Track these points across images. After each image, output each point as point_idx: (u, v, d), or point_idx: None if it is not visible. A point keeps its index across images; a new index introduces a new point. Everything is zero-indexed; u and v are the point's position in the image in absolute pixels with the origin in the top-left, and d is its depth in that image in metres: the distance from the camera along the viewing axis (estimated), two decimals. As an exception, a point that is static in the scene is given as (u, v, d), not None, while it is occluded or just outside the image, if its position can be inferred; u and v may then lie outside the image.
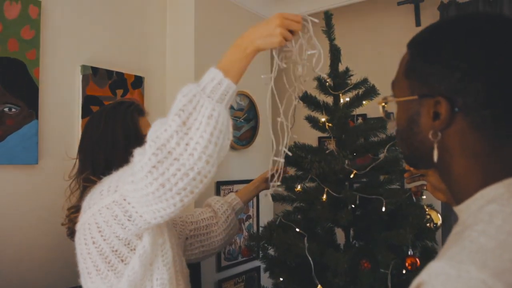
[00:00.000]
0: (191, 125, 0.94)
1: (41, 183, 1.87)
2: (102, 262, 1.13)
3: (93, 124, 1.37)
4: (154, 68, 2.45)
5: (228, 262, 2.53)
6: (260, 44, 1.03)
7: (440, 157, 0.71)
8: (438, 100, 0.67)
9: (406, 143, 0.79)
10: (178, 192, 0.97)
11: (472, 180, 0.68)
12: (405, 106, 0.76)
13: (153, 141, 0.95)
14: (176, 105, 0.96)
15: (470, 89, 0.64)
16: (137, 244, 1.14)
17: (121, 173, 1.13)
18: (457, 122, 0.67)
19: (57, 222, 1.84)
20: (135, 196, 1.03)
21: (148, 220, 1.07)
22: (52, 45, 1.95)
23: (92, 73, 2.08)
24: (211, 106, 0.95)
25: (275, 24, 1.02)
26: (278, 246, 1.54)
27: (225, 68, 1.01)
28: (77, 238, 1.21)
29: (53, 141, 1.93)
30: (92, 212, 1.14)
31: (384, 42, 2.87)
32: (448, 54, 0.67)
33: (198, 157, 0.94)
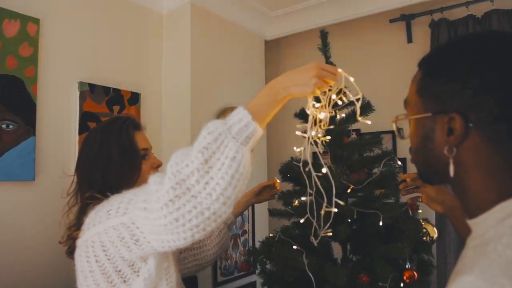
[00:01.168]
0: (213, 165, 0.93)
1: (38, 199, 1.87)
2: (104, 281, 1.12)
3: (89, 141, 1.36)
4: (150, 85, 2.47)
5: (224, 278, 2.52)
6: (293, 92, 1.02)
7: (455, 172, 0.72)
8: (453, 116, 0.68)
9: (421, 160, 0.80)
10: (190, 228, 0.95)
11: (488, 194, 0.69)
12: (419, 123, 0.77)
13: (173, 174, 0.94)
14: (200, 142, 0.94)
15: (483, 104, 0.66)
16: (141, 266, 1.12)
17: (132, 196, 1.11)
18: (472, 137, 0.68)
19: (54, 238, 1.83)
20: (146, 224, 1.02)
21: (155, 247, 1.05)
22: (50, 62, 1.97)
23: (89, 90, 2.09)
24: (235, 148, 0.93)
25: (311, 75, 1.01)
26: (276, 260, 1.55)
27: (254, 111, 0.98)
28: (78, 255, 1.19)
29: (50, 157, 1.94)
30: (97, 231, 1.13)
31: (377, 58, 2.92)
32: (460, 71, 0.69)
33: (216, 198, 0.92)
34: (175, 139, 2.44)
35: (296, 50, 3.30)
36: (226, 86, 2.67)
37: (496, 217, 0.66)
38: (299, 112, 1.68)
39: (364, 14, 2.74)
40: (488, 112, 0.66)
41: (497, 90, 0.65)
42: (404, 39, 2.79)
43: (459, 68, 0.69)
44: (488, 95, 0.66)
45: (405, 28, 2.78)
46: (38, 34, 1.91)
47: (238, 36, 2.82)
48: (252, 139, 0.97)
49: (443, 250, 2.41)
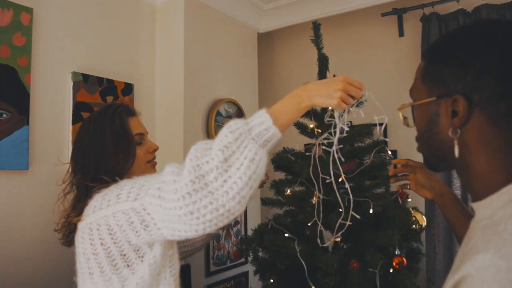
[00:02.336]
0: (232, 164, 0.95)
1: (31, 188, 1.88)
2: (108, 265, 1.13)
3: (83, 129, 1.37)
4: (144, 76, 2.48)
5: (216, 267, 2.55)
6: (317, 102, 1.02)
7: (460, 154, 0.74)
8: (456, 99, 0.71)
9: (427, 145, 0.82)
10: (203, 222, 0.98)
11: (494, 175, 0.71)
12: (424, 109, 0.80)
13: (193, 168, 0.96)
14: (221, 140, 0.97)
15: (484, 85, 0.69)
16: (146, 252, 1.13)
17: (144, 182, 1.12)
18: (475, 118, 0.71)
19: (48, 226, 1.85)
20: (158, 211, 1.03)
21: (164, 235, 1.07)
22: (44, 52, 1.97)
23: (82, 80, 2.10)
24: (254, 150, 0.95)
25: (337, 87, 1.02)
26: (268, 248, 1.57)
27: (276, 116, 1.00)
28: (80, 237, 1.19)
29: (44, 146, 1.94)
30: (105, 214, 1.13)
31: (369, 52, 2.94)
32: (463, 55, 0.72)
33: (232, 196, 0.95)
34: (168, 130, 2.45)
35: (289, 43, 3.32)
36: (219, 78, 2.69)
37: (503, 199, 0.68)
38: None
39: (356, 7, 2.77)
40: (490, 93, 0.69)
41: (497, 71, 0.68)
42: (396, 33, 2.82)
43: (462, 52, 0.72)
44: (489, 76, 0.69)
45: (396, 22, 2.81)
46: (31, 24, 1.91)
47: (231, 28, 2.83)
48: (271, 142, 0.99)
49: (432, 240, 2.45)
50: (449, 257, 2.41)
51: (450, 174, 2.44)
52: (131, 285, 1.13)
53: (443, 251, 2.42)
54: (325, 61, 1.72)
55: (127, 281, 1.13)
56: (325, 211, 1.52)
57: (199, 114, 2.52)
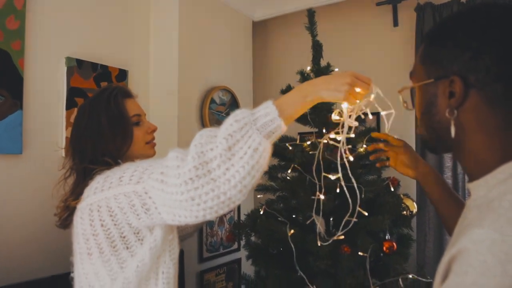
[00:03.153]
0: (236, 152, 0.96)
1: (25, 172, 1.88)
2: (108, 246, 1.14)
3: (80, 114, 1.37)
4: (138, 62, 2.47)
5: (209, 254, 2.57)
6: (323, 96, 1.02)
7: (457, 135, 0.75)
8: (453, 79, 0.73)
9: (425, 127, 0.83)
10: (204, 209, 0.99)
11: (490, 155, 0.72)
12: (423, 91, 0.81)
13: (197, 154, 0.97)
14: (226, 128, 0.97)
15: (481, 65, 0.70)
16: (146, 235, 1.14)
17: (147, 165, 1.12)
18: (471, 98, 0.72)
19: (41, 209, 1.86)
20: (160, 195, 1.04)
21: (165, 219, 1.08)
22: (37, 36, 1.96)
23: (76, 65, 2.09)
24: (258, 140, 0.96)
25: (344, 81, 1.01)
26: (261, 232, 1.59)
27: (282, 108, 1.00)
28: (79, 217, 1.20)
29: (38, 131, 1.94)
30: (106, 196, 1.14)
31: (363, 40, 2.95)
32: (459, 36, 0.73)
33: (234, 184, 0.96)
34: (162, 117, 2.46)
35: (283, 31, 3.32)
36: (213, 65, 2.69)
37: (498, 177, 0.70)
38: (285, 89, 1.71)
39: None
40: (486, 73, 0.70)
41: (493, 51, 0.69)
42: (390, 22, 2.82)
43: (459, 34, 0.74)
44: (485, 57, 0.70)
45: (391, 12, 2.81)
46: (25, 8, 1.90)
47: (225, 16, 2.83)
48: (275, 134, 1.00)
49: (423, 228, 2.48)
50: (440, 244, 2.44)
51: (441, 163, 2.46)
52: (131, 268, 1.14)
53: (434, 239, 2.45)
54: (319, 48, 1.73)
55: (126, 263, 1.14)
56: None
57: (193, 101, 2.52)
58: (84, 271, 1.19)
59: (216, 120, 2.63)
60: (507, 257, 0.57)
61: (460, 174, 2.44)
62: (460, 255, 0.61)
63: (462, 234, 0.64)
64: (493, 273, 0.57)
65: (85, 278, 1.19)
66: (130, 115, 1.37)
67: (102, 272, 1.16)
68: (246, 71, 3.01)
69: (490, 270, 0.57)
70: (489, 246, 0.58)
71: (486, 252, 0.58)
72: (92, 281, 1.17)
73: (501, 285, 0.57)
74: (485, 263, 0.58)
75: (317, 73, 1.71)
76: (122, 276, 1.14)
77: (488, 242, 0.59)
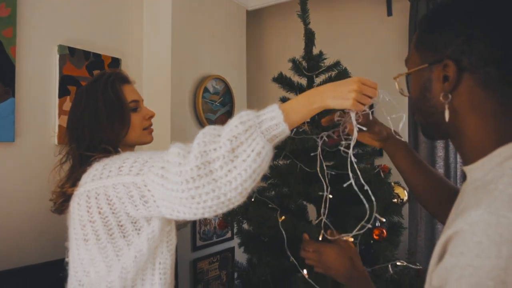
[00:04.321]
0: (239, 155, 0.96)
1: (18, 160, 1.88)
2: (105, 233, 1.15)
3: (77, 100, 1.37)
4: (132, 51, 2.46)
5: (203, 242, 2.58)
6: (330, 104, 1.02)
7: (452, 119, 0.76)
8: (446, 63, 0.74)
9: (421, 113, 0.84)
10: (203, 207, 1.00)
11: (486, 138, 0.73)
12: (418, 76, 0.82)
13: (200, 153, 0.97)
14: (231, 130, 0.98)
15: (474, 48, 0.71)
16: (143, 225, 1.15)
17: (147, 158, 1.12)
18: (465, 82, 0.73)
19: (34, 196, 1.87)
20: (159, 190, 1.05)
21: (163, 213, 1.09)
22: (29, 24, 1.95)
23: (69, 54, 2.08)
24: (262, 144, 0.96)
25: (351, 88, 1.01)
26: (252, 219, 1.60)
27: (287, 113, 1.00)
28: (76, 203, 1.20)
29: (30, 119, 1.94)
30: (104, 184, 1.14)
31: (357, 30, 2.95)
32: (452, 20, 0.74)
33: (235, 187, 0.96)
34: (155, 107, 2.45)
35: (277, 21, 3.31)
36: (207, 54, 2.68)
37: (495, 161, 0.70)
38: (277, 77, 1.71)
39: (346, -15, 2.77)
40: (479, 56, 0.71)
41: (486, 34, 0.70)
42: (384, 12, 2.82)
43: (452, 18, 0.75)
44: (478, 39, 0.71)
45: (385, 1, 2.81)
46: (16, -5, 1.89)
47: (219, 5, 2.81)
48: (279, 138, 1.01)
49: (415, 217, 2.50)
50: (431, 233, 2.47)
51: (433, 153, 2.48)
52: (129, 258, 1.15)
53: (425, 228, 2.47)
54: (312, 36, 1.72)
55: (122, 251, 1.15)
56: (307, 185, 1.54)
57: (186, 90, 2.52)
58: (80, 257, 1.20)
59: (210, 109, 2.63)
60: (502, 239, 0.58)
61: (452, 164, 2.46)
62: (456, 236, 0.62)
63: (459, 216, 0.65)
64: (487, 254, 0.58)
65: (81, 264, 1.20)
66: (128, 100, 1.37)
67: (97, 258, 1.17)
68: (240, 60, 3.00)
69: (484, 252, 0.59)
70: (485, 227, 0.59)
71: (481, 234, 0.59)
72: (88, 267, 1.18)
73: (495, 267, 0.58)
74: (480, 245, 0.59)
75: (309, 61, 1.71)
76: (120, 265, 1.15)
77: (484, 224, 0.60)
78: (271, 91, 1.76)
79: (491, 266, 0.58)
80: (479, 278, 0.59)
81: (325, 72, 1.71)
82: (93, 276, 1.18)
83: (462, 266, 0.60)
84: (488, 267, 0.58)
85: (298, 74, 1.72)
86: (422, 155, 2.48)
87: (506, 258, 0.58)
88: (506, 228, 0.58)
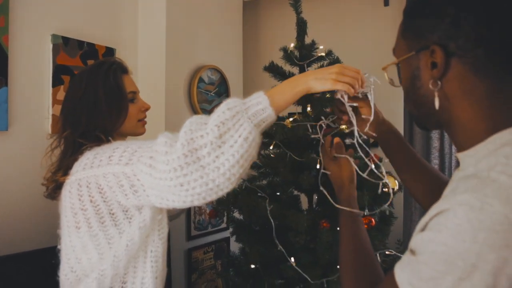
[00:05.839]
0: (226, 141, 0.97)
1: (11, 148, 1.89)
2: (96, 221, 1.16)
3: (75, 84, 1.37)
4: (126, 40, 2.46)
5: (198, 232, 2.60)
6: (312, 85, 1.05)
7: (444, 107, 0.74)
8: (433, 49, 0.72)
9: (412, 103, 0.82)
10: (192, 195, 1.00)
11: (479, 125, 0.71)
12: (407, 65, 0.80)
13: (187, 141, 0.98)
14: (218, 116, 0.99)
15: (460, 32, 0.69)
16: (134, 214, 1.16)
17: (136, 147, 1.13)
18: (454, 67, 0.71)
19: (28, 185, 1.88)
20: (148, 179, 1.06)
21: (152, 202, 1.10)
22: (22, 13, 1.95)
23: (62, 43, 2.08)
24: (249, 129, 0.98)
25: (332, 71, 1.05)
26: (242, 208, 1.61)
27: (272, 97, 1.03)
28: (67, 191, 1.21)
29: (24, 108, 1.94)
30: (95, 173, 1.15)
31: (352, 20, 2.94)
32: (436, 4, 0.73)
33: (223, 172, 0.97)
34: (149, 96, 2.45)
35: (274, 12, 3.30)
36: (202, 45, 2.67)
37: (488, 148, 0.69)
38: (269, 66, 1.71)
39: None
40: (466, 39, 0.69)
41: (471, 16, 0.68)
42: (381, 1, 2.81)
43: (435, 1, 0.73)
44: (464, 22, 0.69)
45: (382, -9, 2.80)
46: (9, -17, 1.88)
47: (216, -5, 2.80)
48: (266, 123, 1.02)
49: (409, 208, 2.51)
50: (425, 224, 2.47)
51: (429, 144, 2.48)
52: (121, 246, 1.16)
53: (419, 218, 2.46)
54: (304, 25, 1.72)
55: (113, 239, 1.17)
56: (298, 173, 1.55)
57: (181, 80, 2.52)
58: (72, 244, 1.21)
59: (205, 100, 2.62)
60: (481, 225, 0.58)
61: (447, 155, 2.46)
62: (440, 215, 0.63)
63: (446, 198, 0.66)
64: (463, 237, 0.59)
65: (73, 251, 1.21)
66: (127, 91, 1.38)
67: (89, 246, 1.18)
68: (236, 50, 2.99)
69: (461, 234, 0.59)
70: (467, 211, 0.60)
71: (462, 216, 0.60)
72: (79, 254, 1.20)
73: (468, 251, 0.59)
74: (458, 227, 0.60)
75: (301, 50, 1.71)
76: (111, 253, 1.17)
77: (467, 207, 0.60)
78: (267, 81, 1.75)
79: (464, 249, 0.59)
80: (450, 257, 0.60)
81: (317, 62, 1.71)
82: (85, 263, 1.20)
83: (437, 242, 0.62)
84: (461, 249, 0.59)
85: (289, 63, 1.72)
86: (417, 146, 2.48)
87: (481, 244, 0.58)
88: (488, 216, 0.58)
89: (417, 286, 0.64)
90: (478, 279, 0.58)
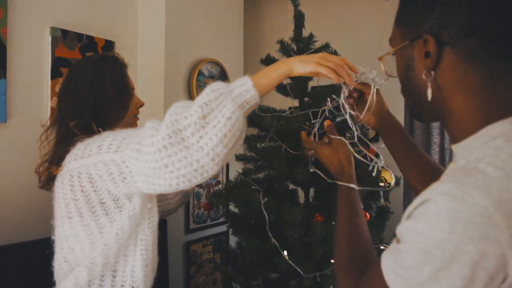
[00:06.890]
0: (210, 121, 0.99)
1: (10, 140, 1.89)
2: (88, 211, 1.18)
3: (79, 75, 1.36)
4: (125, 33, 2.45)
5: (196, 225, 2.60)
6: (295, 67, 1.08)
7: (438, 98, 0.73)
8: (426, 38, 0.71)
9: (408, 93, 0.82)
10: (177, 177, 1.03)
11: (473, 116, 0.70)
12: (401, 55, 0.80)
13: (171, 122, 1.00)
14: (202, 98, 1.01)
15: (452, 20, 0.68)
16: (125, 203, 1.19)
17: (125, 135, 1.16)
18: (447, 56, 0.70)
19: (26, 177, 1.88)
20: (135, 164, 1.08)
21: (140, 188, 1.12)
22: (20, 5, 1.95)
23: (61, 35, 2.08)
24: (232, 109, 1.00)
25: (315, 55, 1.09)
26: (237, 201, 1.61)
27: (256, 80, 1.06)
28: (60, 182, 1.24)
29: (23, 100, 1.95)
30: (86, 163, 1.18)
31: (353, 14, 2.92)
32: None
33: (207, 152, 0.99)
34: (149, 89, 2.45)
35: (276, 5, 3.28)
36: (202, 38, 2.66)
37: (481, 140, 0.68)
38: (265, 58, 1.71)
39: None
40: (458, 28, 0.68)
41: (463, 4, 0.67)
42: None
43: None
44: (456, 10, 0.67)
45: (384, -15, 2.77)
46: (7, -25, 1.88)
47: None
48: (249, 104, 1.04)
49: (409, 202, 2.49)
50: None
51: (429, 139, 2.46)
52: (111, 235, 1.18)
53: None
54: (301, 17, 1.71)
55: (105, 228, 1.19)
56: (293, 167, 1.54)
57: (180, 73, 2.51)
58: (65, 234, 1.24)
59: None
60: (460, 216, 0.58)
61: (448, 150, 2.44)
62: (423, 204, 0.63)
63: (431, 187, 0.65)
64: (441, 228, 0.59)
65: (66, 241, 1.24)
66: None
67: (82, 235, 1.21)
68: (237, 43, 2.98)
69: (440, 224, 0.59)
70: (447, 201, 0.59)
71: (442, 206, 0.60)
72: (72, 244, 1.22)
73: (446, 241, 0.58)
74: (438, 217, 0.60)
75: (298, 43, 1.70)
76: (102, 242, 1.18)
77: (447, 197, 0.60)
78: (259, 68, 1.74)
79: (442, 239, 0.59)
80: (428, 247, 0.60)
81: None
82: (78, 252, 1.22)
83: (417, 231, 0.62)
84: (439, 239, 0.59)
85: (286, 56, 1.71)
86: (417, 141, 2.46)
87: (460, 235, 0.57)
88: (468, 207, 0.58)
89: (399, 274, 0.65)
90: (456, 271, 0.58)
